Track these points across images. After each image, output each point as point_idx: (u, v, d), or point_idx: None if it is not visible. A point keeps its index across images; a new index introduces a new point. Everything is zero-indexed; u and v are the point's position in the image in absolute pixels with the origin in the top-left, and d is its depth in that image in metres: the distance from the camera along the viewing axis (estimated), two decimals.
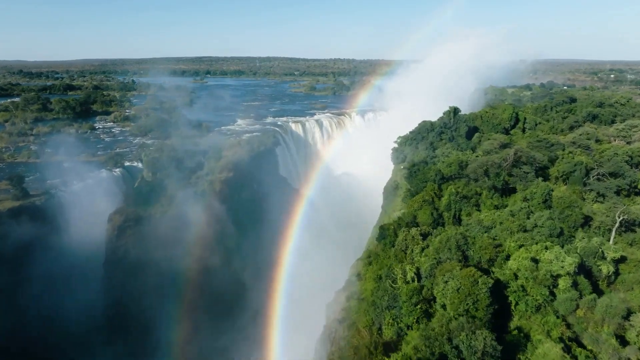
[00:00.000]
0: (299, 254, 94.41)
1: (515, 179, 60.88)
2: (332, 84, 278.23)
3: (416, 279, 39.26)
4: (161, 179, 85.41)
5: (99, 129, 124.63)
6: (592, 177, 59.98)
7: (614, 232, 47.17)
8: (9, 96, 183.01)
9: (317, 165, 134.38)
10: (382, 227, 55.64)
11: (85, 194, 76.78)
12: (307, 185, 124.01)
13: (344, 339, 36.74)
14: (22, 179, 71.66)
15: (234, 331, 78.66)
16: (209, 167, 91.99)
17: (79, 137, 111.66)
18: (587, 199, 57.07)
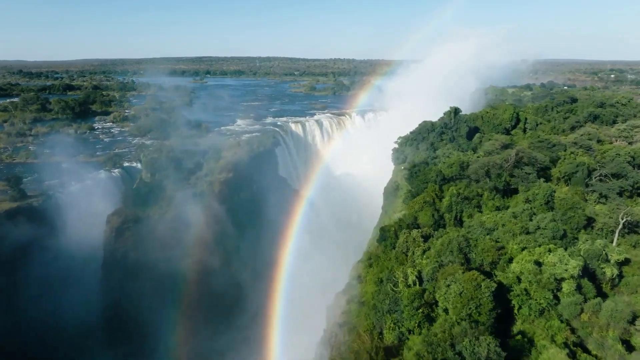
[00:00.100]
0: (299, 255, 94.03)
1: (516, 179, 60.29)
2: (332, 84, 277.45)
3: (418, 283, 38.69)
4: (160, 180, 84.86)
5: (98, 129, 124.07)
6: (595, 178, 59.46)
7: (617, 234, 46.60)
8: (8, 96, 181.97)
9: (317, 165, 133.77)
10: (382, 229, 55.03)
11: (83, 195, 76.23)
12: (307, 185, 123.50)
13: (344, 343, 36.19)
14: (19, 180, 71.12)
15: (233, 332, 78.21)
16: (209, 167, 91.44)
17: (77, 137, 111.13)
18: (590, 200, 56.51)
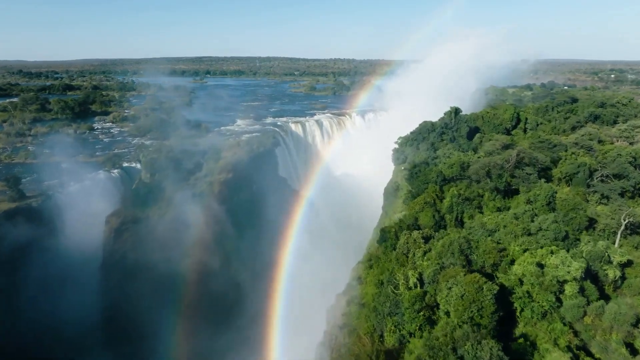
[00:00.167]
0: (299, 255, 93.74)
1: (517, 180, 59.93)
2: (332, 84, 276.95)
3: (419, 285, 38.33)
4: (159, 180, 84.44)
5: (97, 129, 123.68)
6: (596, 178, 59.06)
7: (619, 235, 46.24)
8: (8, 96, 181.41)
9: (317, 165, 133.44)
10: (383, 230, 54.69)
11: (82, 195, 75.88)
12: (307, 186, 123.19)
13: (344, 345, 35.81)
14: (18, 180, 70.79)
15: (233, 333, 77.89)
16: (208, 168, 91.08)
17: (77, 137, 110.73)
18: (591, 201, 56.10)
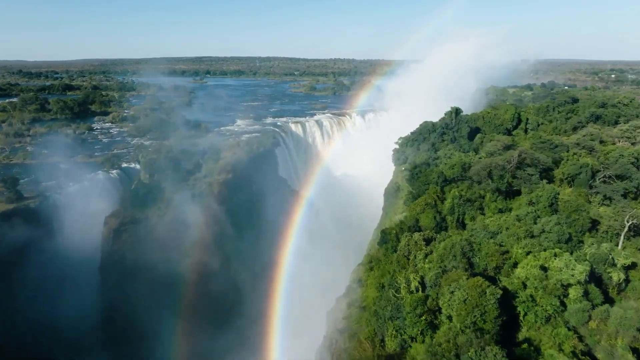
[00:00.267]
0: (299, 256, 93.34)
1: (519, 181, 59.37)
2: (332, 84, 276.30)
3: (420, 289, 37.82)
4: (159, 181, 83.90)
5: (96, 129, 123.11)
6: (598, 179, 58.40)
7: (622, 237, 45.77)
8: (8, 96, 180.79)
9: (317, 166, 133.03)
10: (383, 232, 54.16)
11: (81, 196, 75.40)
12: (307, 186, 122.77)
13: (345, 350, 35.29)
14: (16, 181, 70.24)
15: (232, 334, 77.48)
16: (208, 168, 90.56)
17: (76, 137, 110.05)
18: (594, 202, 55.51)
